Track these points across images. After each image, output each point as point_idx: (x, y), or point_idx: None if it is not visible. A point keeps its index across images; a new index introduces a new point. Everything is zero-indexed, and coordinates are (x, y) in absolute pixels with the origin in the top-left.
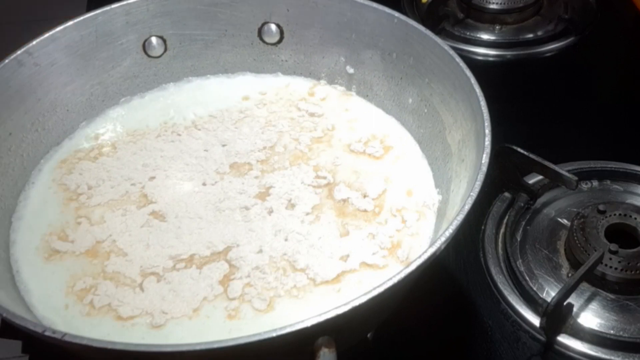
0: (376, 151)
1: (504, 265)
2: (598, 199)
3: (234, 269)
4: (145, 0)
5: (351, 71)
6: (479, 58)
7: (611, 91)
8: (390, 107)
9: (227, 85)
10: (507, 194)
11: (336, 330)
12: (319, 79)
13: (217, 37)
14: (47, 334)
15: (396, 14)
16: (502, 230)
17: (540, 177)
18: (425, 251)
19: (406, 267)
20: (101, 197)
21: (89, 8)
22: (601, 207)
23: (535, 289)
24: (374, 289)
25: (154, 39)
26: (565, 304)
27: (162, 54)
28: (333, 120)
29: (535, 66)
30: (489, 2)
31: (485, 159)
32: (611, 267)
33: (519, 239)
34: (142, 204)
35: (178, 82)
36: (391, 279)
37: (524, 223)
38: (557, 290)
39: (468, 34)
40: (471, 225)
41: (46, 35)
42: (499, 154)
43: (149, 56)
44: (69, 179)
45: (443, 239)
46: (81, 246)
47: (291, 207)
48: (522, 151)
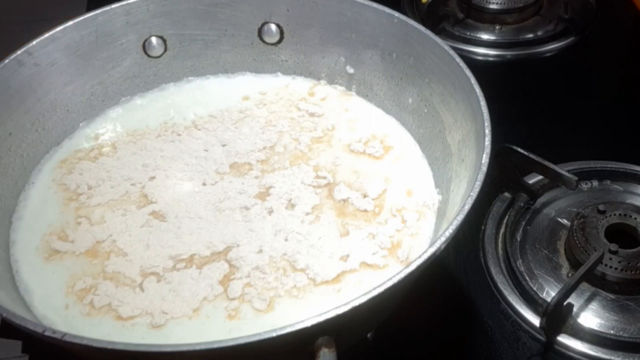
0: (376, 151)
1: (504, 265)
2: (598, 199)
3: (234, 269)
4: (145, 0)
5: (351, 71)
6: (479, 58)
7: (611, 91)
8: (390, 107)
9: (227, 85)
10: (507, 194)
11: (336, 330)
12: (319, 79)
13: (217, 37)
14: (47, 334)
15: (396, 14)
16: (502, 230)
17: (540, 177)
18: (425, 251)
19: (406, 267)
20: (101, 197)
21: (89, 8)
22: (601, 207)
23: (535, 289)
24: (374, 289)
25: (154, 39)
26: (565, 304)
27: (162, 54)
28: (333, 120)
29: (535, 66)
30: (489, 2)
31: (485, 159)
32: (611, 267)
33: (519, 239)
34: (142, 204)
35: (178, 82)
36: (391, 279)
37: (524, 223)
38: (557, 290)
39: (468, 34)
40: (471, 225)
41: (46, 35)
42: (499, 154)
43: (149, 56)
44: (69, 179)
45: (443, 239)
46: (81, 246)
47: (291, 207)
48: (522, 151)
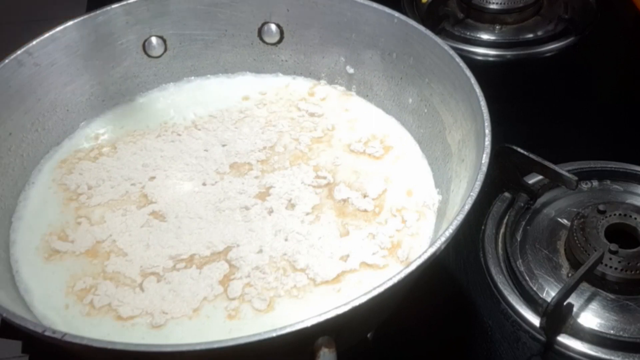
0: (376, 151)
1: (504, 265)
2: (598, 199)
3: (234, 269)
4: (145, 0)
5: (351, 71)
6: (479, 58)
7: (611, 91)
8: (390, 107)
9: (227, 85)
10: (507, 194)
11: (336, 330)
12: (319, 79)
13: (217, 37)
14: (47, 334)
15: (396, 14)
16: (502, 230)
17: (540, 177)
18: (425, 251)
19: (406, 267)
20: (101, 197)
21: (89, 8)
22: (601, 207)
23: (535, 289)
24: (374, 289)
25: (154, 39)
26: (565, 304)
27: (162, 54)
28: (333, 120)
29: (535, 66)
30: (489, 2)
31: (485, 159)
32: (611, 267)
33: (519, 239)
34: (142, 204)
35: (178, 82)
36: (391, 279)
37: (524, 223)
38: (557, 290)
39: (468, 34)
40: (471, 225)
41: (46, 35)
42: (499, 154)
43: (149, 56)
44: (69, 179)
45: (443, 239)
46: (81, 246)
47: (291, 207)
48: (522, 151)
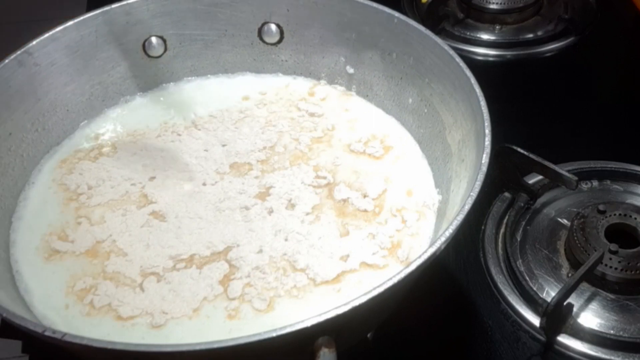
0: (376, 151)
1: (504, 265)
2: (598, 199)
3: (234, 269)
4: (145, 0)
5: (351, 71)
6: (479, 58)
7: (611, 91)
8: (390, 107)
9: (227, 85)
10: (507, 194)
11: (336, 330)
12: (319, 79)
13: (217, 37)
14: (47, 334)
15: (396, 14)
16: (502, 230)
17: (540, 177)
18: (425, 251)
19: (406, 267)
20: (101, 197)
21: (89, 8)
22: (601, 207)
23: (535, 289)
24: (374, 289)
25: (154, 39)
26: (565, 304)
27: (162, 54)
28: (333, 120)
29: (535, 66)
30: (489, 2)
31: (485, 159)
32: (611, 267)
33: (519, 239)
34: (142, 204)
35: (178, 82)
36: (391, 279)
37: (524, 223)
38: (557, 290)
39: (468, 34)
40: (471, 225)
41: (46, 35)
42: (499, 154)
43: (149, 56)
44: (69, 179)
45: (443, 239)
46: (81, 246)
47: (291, 207)
48: (522, 151)
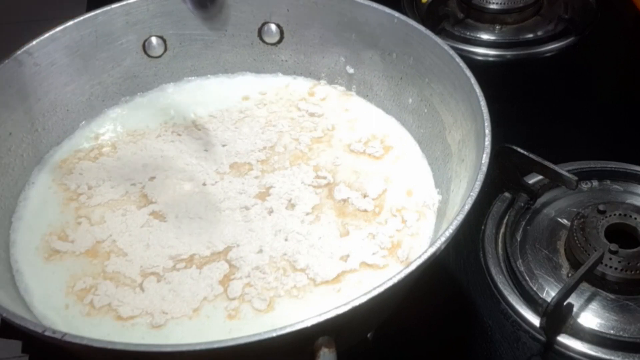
0: (376, 151)
1: (504, 265)
2: (598, 199)
3: (234, 269)
4: (145, 0)
5: (351, 71)
6: (479, 58)
7: (611, 91)
8: (390, 107)
9: (227, 85)
10: (507, 194)
11: (336, 330)
12: (319, 79)
13: (217, 37)
14: (47, 334)
15: (396, 14)
16: (502, 230)
17: (540, 177)
18: (425, 251)
19: (406, 267)
20: (101, 197)
21: (89, 8)
22: (601, 207)
23: (535, 289)
24: (374, 289)
25: (154, 39)
26: (565, 304)
27: (162, 54)
28: (333, 120)
29: (535, 66)
30: (489, 2)
31: (485, 159)
32: (611, 267)
33: (519, 239)
34: (142, 204)
35: (178, 82)
36: (391, 279)
37: (524, 223)
38: (557, 290)
39: (468, 34)
40: (471, 225)
41: (46, 35)
42: (499, 154)
43: (149, 56)
44: (69, 179)
45: (443, 239)
46: (81, 246)
47: (291, 207)
48: (522, 151)
